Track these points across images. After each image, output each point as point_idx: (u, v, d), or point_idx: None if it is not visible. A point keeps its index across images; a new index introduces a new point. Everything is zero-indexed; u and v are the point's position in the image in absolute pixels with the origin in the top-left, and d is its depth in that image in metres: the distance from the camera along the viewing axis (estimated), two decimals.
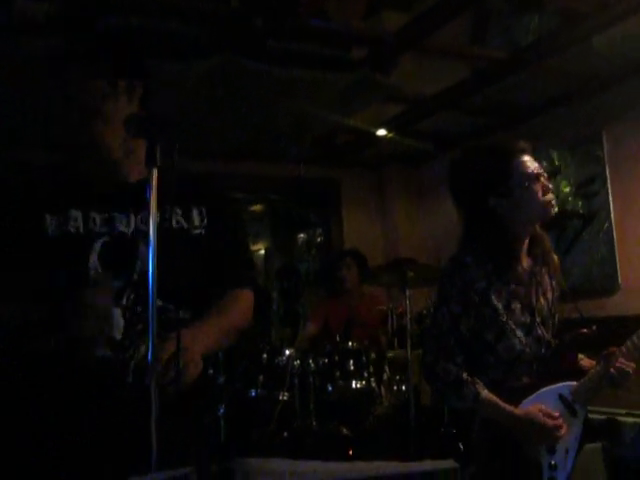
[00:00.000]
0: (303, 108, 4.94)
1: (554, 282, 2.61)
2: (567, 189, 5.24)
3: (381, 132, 5.83)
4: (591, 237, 5.06)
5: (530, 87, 4.81)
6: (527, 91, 4.90)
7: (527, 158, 2.47)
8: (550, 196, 2.46)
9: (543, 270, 2.57)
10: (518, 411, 2.34)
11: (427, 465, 1.21)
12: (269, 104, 4.84)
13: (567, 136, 5.21)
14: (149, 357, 1.58)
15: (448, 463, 1.24)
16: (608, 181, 4.93)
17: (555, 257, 2.64)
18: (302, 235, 8.59)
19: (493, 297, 2.41)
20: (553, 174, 5.22)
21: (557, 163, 5.30)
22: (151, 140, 1.62)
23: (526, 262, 2.53)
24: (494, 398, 2.34)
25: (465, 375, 2.36)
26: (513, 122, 5.43)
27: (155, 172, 1.58)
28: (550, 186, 2.47)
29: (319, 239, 8.09)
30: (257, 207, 8.79)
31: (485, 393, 2.34)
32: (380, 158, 6.67)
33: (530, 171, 2.43)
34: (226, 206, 2.42)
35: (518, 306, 2.45)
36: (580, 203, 5.15)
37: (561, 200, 5.23)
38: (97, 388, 1.85)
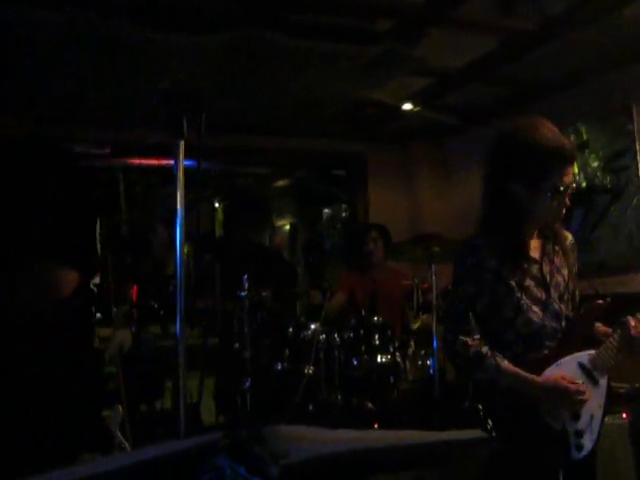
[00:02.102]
0: (329, 81, 4.92)
1: (571, 260, 2.65)
2: (595, 163, 5.16)
3: (407, 106, 5.79)
4: (620, 212, 5.00)
5: (559, 59, 4.73)
6: (556, 63, 4.83)
7: (569, 169, 2.48)
8: (563, 211, 2.53)
9: (556, 248, 2.62)
10: (540, 378, 2.41)
11: (455, 434, 1.22)
12: (292, 77, 4.82)
13: (596, 109, 5.12)
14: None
15: (476, 433, 1.24)
16: (638, 155, 4.85)
17: (568, 235, 2.70)
18: (327, 210, 8.60)
19: (506, 275, 2.48)
20: (581, 148, 5.15)
21: (585, 137, 5.23)
22: (178, 112, 1.63)
23: (537, 242, 2.59)
24: (515, 368, 2.42)
25: (485, 349, 2.44)
26: (541, 95, 5.36)
27: (182, 144, 1.59)
28: (568, 202, 2.52)
29: (344, 214, 8.09)
30: (282, 182, 8.80)
31: (506, 364, 2.42)
32: (406, 132, 6.62)
33: (563, 184, 2.46)
34: None
35: (532, 283, 2.51)
36: (609, 178, 5.08)
37: (589, 175, 5.17)
38: None
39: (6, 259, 2.17)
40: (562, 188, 2.45)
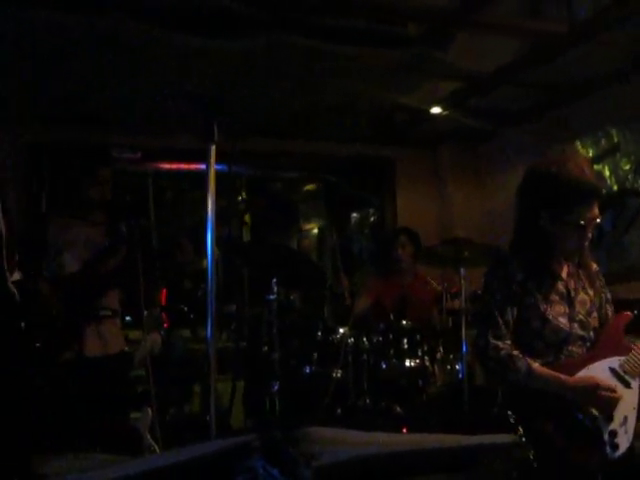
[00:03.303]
0: (358, 86, 4.92)
1: (597, 285, 2.77)
2: (627, 167, 5.10)
3: (436, 110, 5.78)
4: None
5: (589, 61, 4.69)
6: (586, 66, 4.78)
7: (592, 205, 2.58)
8: (585, 243, 2.66)
9: (581, 272, 2.74)
10: (572, 379, 2.45)
11: (486, 438, 1.22)
12: (322, 82, 4.83)
13: (627, 112, 5.07)
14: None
15: (507, 437, 1.24)
16: None
17: (593, 264, 2.81)
18: (355, 214, 8.59)
19: (532, 288, 2.60)
20: (612, 151, 5.10)
21: (616, 140, 5.17)
22: (209, 117, 1.65)
23: (564, 264, 2.72)
24: (547, 370, 2.46)
25: (516, 352, 2.52)
26: (572, 98, 5.31)
27: (213, 148, 1.60)
28: (590, 235, 2.65)
29: (372, 218, 8.08)
30: (311, 186, 8.82)
31: (537, 365, 2.49)
32: (436, 136, 6.60)
33: (585, 219, 2.56)
34: None
35: (557, 298, 2.62)
36: None
37: (620, 178, 5.11)
38: None
39: None
40: (584, 222, 2.55)
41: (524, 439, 2.39)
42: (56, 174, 5.06)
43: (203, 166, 1.67)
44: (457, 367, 4.53)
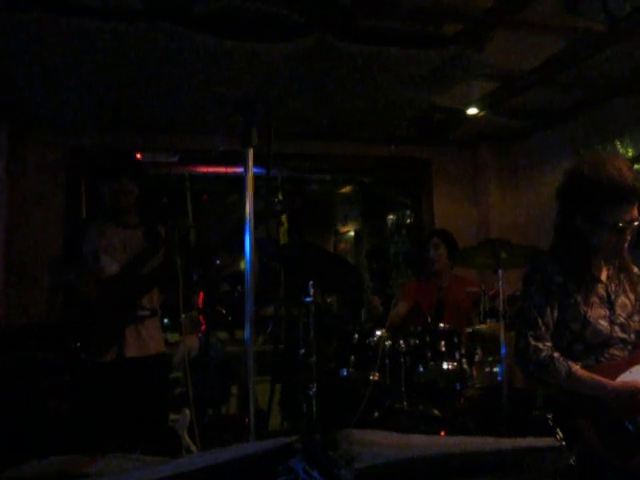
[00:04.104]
0: (395, 87, 4.91)
1: (638, 287, 2.74)
2: None
3: (472, 110, 5.74)
4: None
5: (627, 59, 4.62)
6: (624, 64, 4.71)
7: (631, 207, 2.57)
8: (624, 246, 2.65)
9: (621, 275, 2.73)
10: (614, 383, 2.42)
11: (527, 442, 1.21)
12: (361, 83, 4.83)
13: None
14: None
15: (548, 441, 1.23)
16: None
17: (634, 267, 2.79)
18: (392, 216, 8.58)
19: (572, 291, 2.60)
20: None
21: None
22: (248, 121, 1.66)
23: (604, 267, 2.72)
24: (588, 372, 2.44)
25: (557, 354, 2.52)
26: (610, 96, 5.24)
27: (251, 152, 1.62)
28: (629, 238, 2.64)
29: (409, 220, 8.06)
30: (347, 189, 8.83)
31: (578, 367, 2.49)
32: (472, 137, 6.56)
33: (622, 221, 2.55)
34: None
35: (597, 300, 2.62)
36: None
37: None
38: None
39: None
40: (622, 224, 2.53)
41: (564, 442, 2.37)
42: (94, 179, 5.15)
43: (239, 169, 1.69)
44: (496, 369, 4.49)
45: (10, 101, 5.10)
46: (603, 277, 2.68)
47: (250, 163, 1.63)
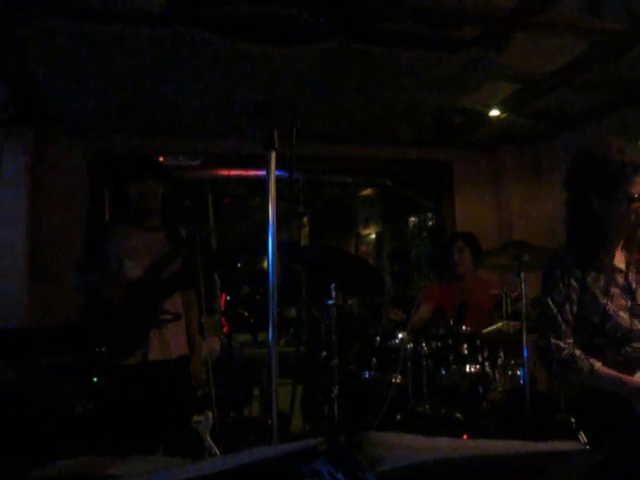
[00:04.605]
0: (416, 90, 4.91)
1: None
2: None
3: (494, 112, 5.72)
4: None
5: None
6: None
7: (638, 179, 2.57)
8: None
9: None
10: (634, 379, 2.41)
11: (552, 445, 1.20)
12: (382, 86, 4.83)
13: None
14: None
15: (573, 444, 1.22)
16: None
17: None
18: (413, 219, 8.56)
19: (590, 284, 2.59)
20: None
21: None
22: (270, 123, 1.66)
23: (623, 254, 2.70)
24: (609, 369, 2.44)
25: (578, 351, 2.52)
26: (633, 98, 5.20)
27: (273, 155, 1.62)
28: None
29: (430, 222, 8.04)
30: (368, 191, 8.82)
31: (599, 365, 2.47)
32: (494, 139, 6.54)
33: (637, 192, 2.55)
34: None
35: (617, 291, 2.60)
36: None
37: None
38: None
39: None
40: (637, 196, 2.53)
41: (589, 446, 2.35)
42: (116, 182, 5.19)
43: (260, 172, 1.70)
44: (518, 373, 4.46)
45: (36, 105, 5.17)
46: (622, 265, 2.66)
47: (272, 166, 1.63)
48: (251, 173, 6.21)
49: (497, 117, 5.80)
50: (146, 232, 3.76)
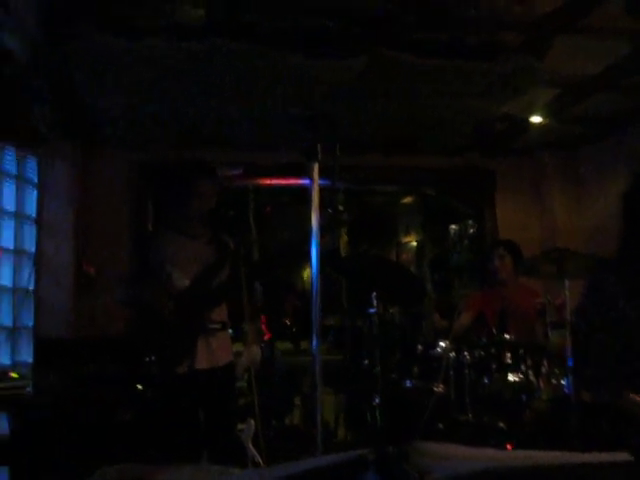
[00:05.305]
0: (457, 98, 4.89)
1: None
2: None
3: (536, 118, 5.67)
4: None
5: None
6: None
7: None
8: None
9: None
10: None
11: (599, 456, 1.18)
12: (422, 95, 4.83)
13: None
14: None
15: (621, 455, 1.20)
16: None
17: None
18: (454, 226, 8.51)
19: (633, 313, 2.51)
20: None
21: None
22: (313, 136, 1.68)
23: None
24: None
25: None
26: None
27: (317, 167, 1.64)
28: None
29: (471, 230, 7.98)
30: (408, 199, 8.80)
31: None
32: (536, 145, 6.48)
33: None
34: None
35: None
36: None
37: None
38: None
39: None
40: None
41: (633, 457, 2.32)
42: (162, 191, 5.24)
43: (302, 181, 1.72)
44: (563, 382, 4.40)
45: (81, 118, 5.27)
46: None
47: (316, 177, 1.65)
48: (292, 182, 6.24)
49: (539, 123, 5.75)
50: (193, 241, 3.76)
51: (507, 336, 4.53)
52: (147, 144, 5.72)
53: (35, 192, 5.56)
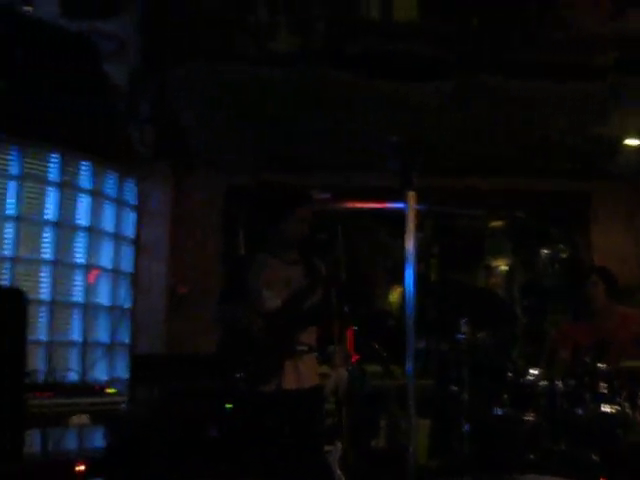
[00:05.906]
0: (551, 120, 4.83)
1: None
2: None
3: (632, 141, 5.52)
4: None
5: None
6: None
7: None
8: None
9: None
10: None
11: None
12: (513, 118, 4.78)
13: None
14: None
15: None
16: None
17: None
18: (545, 251, 8.33)
19: None
20: None
21: None
22: (407, 165, 1.70)
23: None
24: None
25: None
26: None
27: (412, 195, 1.66)
28: None
29: (563, 255, 7.80)
30: (498, 223, 8.66)
31: None
32: (632, 168, 6.29)
33: None
34: None
35: None
36: None
37: None
38: None
39: None
40: None
41: None
42: (254, 215, 5.34)
43: (392, 205, 1.74)
44: None
45: (176, 141, 5.45)
46: None
47: (412, 204, 1.67)
48: (383, 205, 6.25)
49: (635, 145, 5.59)
50: (285, 264, 3.83)
51: (601, 365, 4.40)
52: (238, 168, 5.85)
53: (132, 214, 5.78)
